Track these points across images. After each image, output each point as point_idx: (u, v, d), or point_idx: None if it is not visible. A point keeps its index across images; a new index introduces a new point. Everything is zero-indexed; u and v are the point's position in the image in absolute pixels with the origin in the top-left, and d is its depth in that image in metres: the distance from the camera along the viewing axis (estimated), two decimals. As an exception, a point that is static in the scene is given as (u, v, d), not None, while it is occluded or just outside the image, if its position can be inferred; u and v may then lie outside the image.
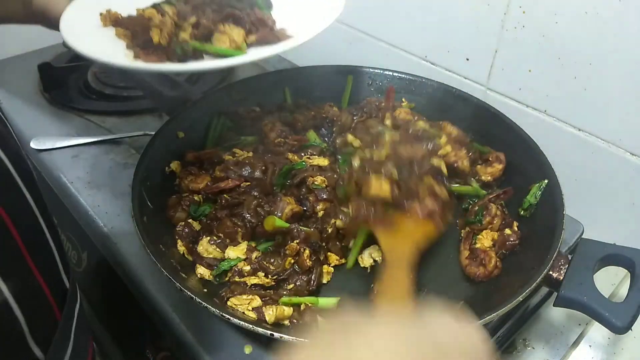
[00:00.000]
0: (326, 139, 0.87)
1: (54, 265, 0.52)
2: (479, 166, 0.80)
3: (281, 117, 0.88)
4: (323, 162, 0.79)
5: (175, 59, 0.64)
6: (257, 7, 0.71)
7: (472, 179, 0.79)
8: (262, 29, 0.67)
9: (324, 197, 0.72)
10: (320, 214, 0.71)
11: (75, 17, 0.68)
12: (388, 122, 0.85)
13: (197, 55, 0.65)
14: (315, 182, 0.73)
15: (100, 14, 0.70)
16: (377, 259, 0.68)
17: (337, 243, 0.69)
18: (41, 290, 0.48)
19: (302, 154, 0.81)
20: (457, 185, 0.78)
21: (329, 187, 0.73)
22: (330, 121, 0.88)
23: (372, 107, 0.90)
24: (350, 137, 0.78)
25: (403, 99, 0.93)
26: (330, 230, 0.68)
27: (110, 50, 0.66)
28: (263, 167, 0.75)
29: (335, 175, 0.75)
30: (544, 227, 0.67)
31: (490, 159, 0.81)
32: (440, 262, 0.69)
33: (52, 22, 0.67)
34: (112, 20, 0.70)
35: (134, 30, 0.67)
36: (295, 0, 0.74)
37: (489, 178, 0.79)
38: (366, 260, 0.68)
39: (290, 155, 0.79)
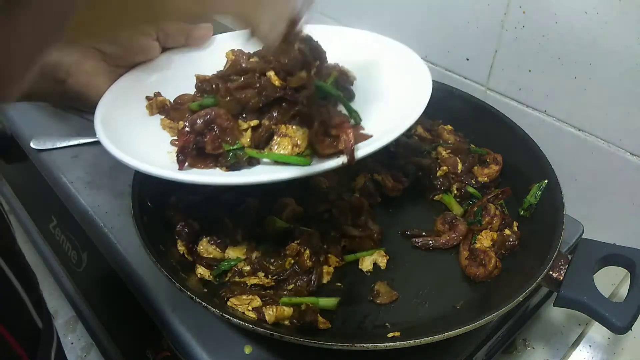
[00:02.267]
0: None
1: (21, 310, 0.46)
2: (475, 167, 0.80)
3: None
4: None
5: (225, 165, 0.55)
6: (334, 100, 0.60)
7: (471, 180, 0.79)
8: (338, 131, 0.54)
9: (325, 197, 0.72)
10: (324, 216, 0.71)
11: (114, 105, 0.60)
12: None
13: (252, 162, 0.56)
14: (316, 183, 0.73)
15: (147, 99, 0.62)
16: (380, 264, 0.68)
17: (338, 246, 0.69)
18: (5, 342, 0.42)
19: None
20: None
21: (329, 188, 0.73)
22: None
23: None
24: None
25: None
26: (333, 234, 0.68)
27: (151, 149, 0.57)
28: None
29: (335, 176, 0.75)
30: (544, 227, 0.67)
31: (487, 160, 0.81)
32: (440, 263, 0.69)
33: (90, 105, 0.59)
34: (159, 107, 0.62)
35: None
36: (375, 90, 0.65)
37: (485, 179, 0.79)
38: (367, 264, 0.68)
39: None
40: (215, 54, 0.69)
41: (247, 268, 0.64)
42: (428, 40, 0.97)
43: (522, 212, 0.74)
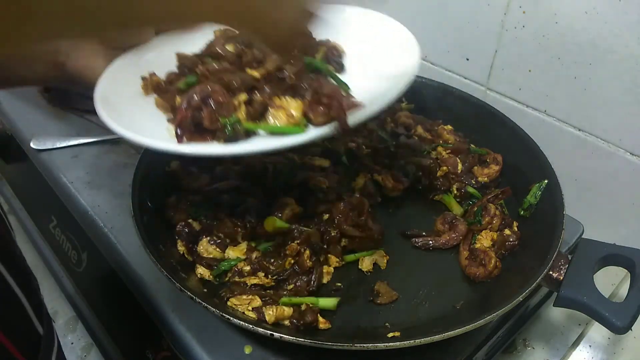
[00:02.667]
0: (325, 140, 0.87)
1: (22, 317, 0.46)
2: (475, 167, 0.80)
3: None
4: (324, 162, 0.79)
5: (223, 138, 0.56)
6: (324, 73, 0.62)
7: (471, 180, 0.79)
8: (329, 102, 0.56)
9: (325, 198, 0.72)
10: (324, 216, 0.71)
11: (112, 85, 0.61)
12: (388, 126, 0.86)
13: (249, 134, 0.57)
14: (317, 183, 0.73)
15: (143, 79, 0.64)
16: (380, 264, 0.68)
17: (338, 246, 0.69)
18: (5, 351, 0.42)
19: (303, 155, 0.80)
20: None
21: (329, 188, 0.73)
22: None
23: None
24: None
25: (403, 99, 0.93)
26: (333, 234, 0.68)
27: (150, 125, 0.59)
28: (263, 167, 0.75)
29: (335, 176, 0.75)
30: (544, 227, 0.67)
31: (487, 160, 0.81)
32: (440, 263, 0.69)
33: (89, 87, 0.60)
34: (154, 87, 0.63)
35: (173, 104, 0.60)
36: (364, 61, 0.68)
37: (485, 179, 0.79)
38: (367, 264, 0.68)
39: (290, 156, 0.79)
40: (207, 34, 0.70)
41: (247, 268, 0.64)
42: (428, 40, 0.97)
43: (522, 212, 0.74)
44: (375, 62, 0.69)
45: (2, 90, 0.63)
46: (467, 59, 0.92)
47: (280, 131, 0.56)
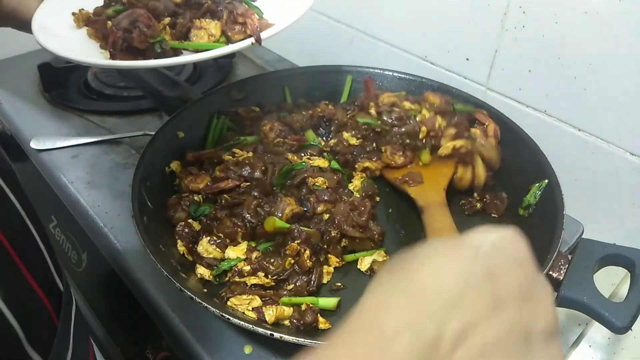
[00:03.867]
0: (324, 138, 0.87)
1: (46, 268, 0.50)
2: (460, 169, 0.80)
3: (280, 117, 0.88)
4: (323, 163, 0.79)
5: (153, 57, 0.63)
6: None
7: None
8: (242, 21, 0.66)
9: (325, 198, 0.72)
10: (325, 216, 0.71)
11: (47, 18, 0.67)
12: (372, 110, 0.86)
13: (177, 52, 0.65)
14: (316, 183, 0.73)
15: (73, 14, 0.69)
16: (375, 267, 0.68)
17: (338, 246, 0.69)
18: (35, 295, 0.46)
19: (302, 154, 0.81)
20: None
21: (329, 189, 0.73)
22: (327, 119, 0.88)
23: (362, 99, 0.90)
24: (345, 135, 0.80)
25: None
26: (333, 234, 0.68)
27: (84, 49, 0.65)
28: (263, 167, 0.75)
29: (335, 177, 0.75)
30: (543, 227, 0.67)
31: (477, 120, 0.83)
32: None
33: (23, 24, 0.66)
34: (84, 20, 0.69)
35: (104, 32, 0.66)
36: None
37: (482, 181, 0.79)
38: (365, 265, 0.68)
39: (290, 156, 0.80)
40: None
41: (247, 268, 0.64)
42: (428, 40, 0.97)
43: (521, 212, 0.74)
44: None
45: None
46: (467, 59, 0.92)
47: (203, 48, 0.64)
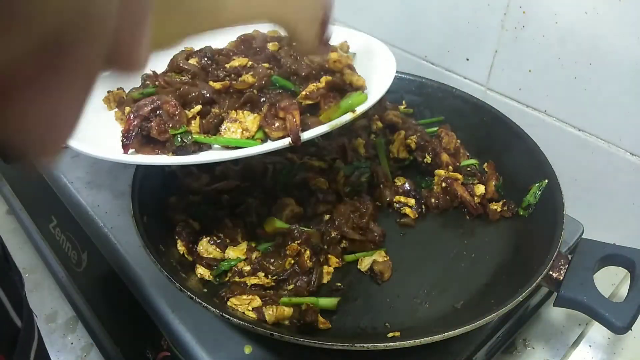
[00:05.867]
0: (324, 138, 0.87)
1: None
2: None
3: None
4: (324, 163, 0.79)
5: (172, 150, 0.55)
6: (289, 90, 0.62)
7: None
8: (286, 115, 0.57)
9: (325, 198, 0.72)
10: (325, 216, 0.71)
11: None
12: (375, 124, 0.86)
13: (203, 148, 0.57)
14: (317, 184, 0.73)
15: (108, 92, 0.64)
16: (375, 267, 0.68)
17: (338, 247, 0.69)
18: None
19: (302, 155, 0.80)
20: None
21: (330, 189, 0.73)
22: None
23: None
24: None
25: (403, 100, 0.93)
26: (333, 235, 0.68)
27: (104, 137, 0.59)
28: (263, 167, 0.75)
29: (335, 177, 0.75)
30: (543, 227, 0.67)
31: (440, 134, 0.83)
32: (440, 262, 0.69)
33: None
34: (116, 100, 0.63)
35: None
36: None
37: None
38: (365, 265, 0.68)
39: (290, 156, 0.79)
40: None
41: (247, 268, 0.64)
42: (428, 41, 0.97)
43: (521, 212, 0.74)
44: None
45: None
46: (467, 59, 0.92)
47: (233, 144, 0.55)
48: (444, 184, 0.76)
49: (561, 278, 0.61)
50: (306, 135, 0.56)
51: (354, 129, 0.86)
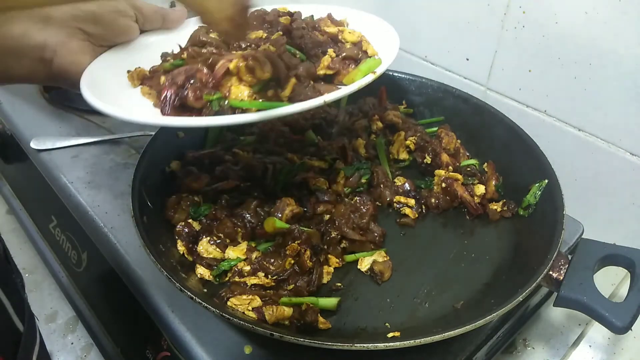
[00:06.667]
0: (324, 139, 0.87)
1: (1, 312, 0.47)
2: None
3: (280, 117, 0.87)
4: (324, 163, 0.79)
5: (209, 115, 0.57)
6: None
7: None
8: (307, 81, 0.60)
9: (325, 198, 0.72)
10: (325, 217, 0.71)
11: (97, 76, 0.62)
12: (375, 125, 0.86)
13: (235, 111, 0.58)
14: (317, 184, 0.73)
15: (128, 72, 0.65)
16: (375, 267, 0.68)
17: (338, 247, 0.69)
18: None
19: (302, 155, 0.81)
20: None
21: (330, 189, 0.73)
22: (328, 121, 0.88)
23: (369, 106, 0.90)
24: None
25: (403, 101, 0.94)
26: (333, 235, 0.68)
27: (137, 108, 0.60)
28: (263, 167, 0.75)
29: (335, 177, 0.75)
30: (543, 227, 0.67)
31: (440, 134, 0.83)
32: (440, 262, 0.69)
33: (75, 84, 0.61)
34: (140, 78, 0.65)
35: (160, 89, 0.61)
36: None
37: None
38: (365, 265, 0.68)
39: (290, 156, 0.79)
40: (189, 35, 0.72)
41: (247, 268, 0.64)
42: (428, 40, 0.97)
43: (521, 212, 0.74)
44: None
45: None
46: (467, 59, 0.92)
47: (267, 107, 0.56)
48: (444, 184, 0.76)
49: (561, 278, 0.61)
50: (336, 95, 0.58)
51: (354, 129, 0.86)
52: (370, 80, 0.61)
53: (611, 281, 0.80)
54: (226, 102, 0.57)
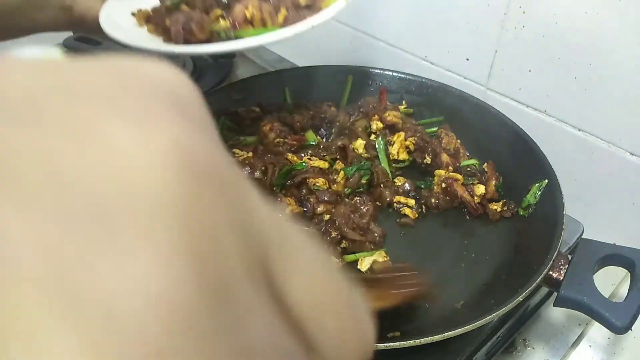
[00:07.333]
0: (324, 139, 0.87)
1: None
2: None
3: (280, 117, 0.88)
4: (324, 164, 0.79)
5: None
6: None
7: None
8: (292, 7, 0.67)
9: (325, 198, 0.72)
10: (325, 217, 0.71)
11: (112, 13, 0.69)
12: (375, 125, 0.86)
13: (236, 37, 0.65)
14: (317, 184, 0.73)
15: (132, 14, 0.71)
16: (375, 267, 0.68)
17: (338, 247, 0.69)
18: None
19: (302, 155, 0.81)
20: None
21: (330, 189, 0.73)
22: (329, 121, 0.88)
23: (370, 106, 0.90)
24: None
25: (403, 101, 0.93)
26: (333, 235, 0.68)
27: (151, 40, 0.67)
28: (263, 168, 0.75)
29: (335, 177, 0.75)
30: (543, 227, 0.67)
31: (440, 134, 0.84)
32: (440, 262, 0.69)
33: (91, 26, 0.69)
34: (144, 18, 0.71)
35: (164, 26, 0.67)
36: None
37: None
38: (365, 265, 0.68)
39: (290, 156, 0.79)
40: None
41: (247, 268, 0.64)
42: (428, 40, 0.97)
43: (521, 212, 0.74)
44: None
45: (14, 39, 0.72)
46: (467, 59, 0.92)
47: (270, 31, 0.63)
48: (444, 184, 0.76)
49: (561, 278, 0.61)
50: (321, 18, 0.64)
51: (354, 129, 0.86)
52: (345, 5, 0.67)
53: (611, 281, 0.80)
54: (231, 32, 0.63)
